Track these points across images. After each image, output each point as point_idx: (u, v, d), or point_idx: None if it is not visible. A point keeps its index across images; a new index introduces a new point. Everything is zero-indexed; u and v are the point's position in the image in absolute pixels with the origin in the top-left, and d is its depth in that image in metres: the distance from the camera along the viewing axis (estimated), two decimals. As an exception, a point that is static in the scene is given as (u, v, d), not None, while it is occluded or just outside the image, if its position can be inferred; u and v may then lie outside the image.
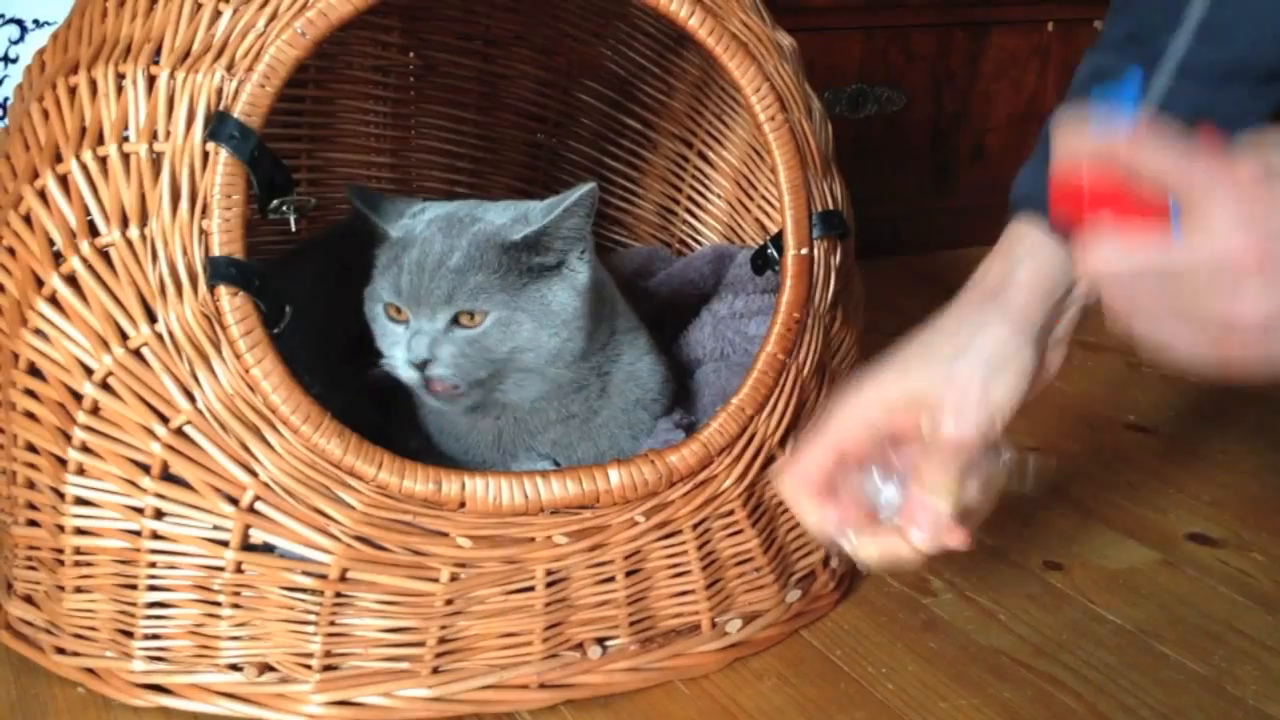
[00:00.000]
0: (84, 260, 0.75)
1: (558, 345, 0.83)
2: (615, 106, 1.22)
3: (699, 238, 1.20)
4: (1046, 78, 1.88)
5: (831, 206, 0.90)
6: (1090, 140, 0.56)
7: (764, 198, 1.11)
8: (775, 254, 0.91)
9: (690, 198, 1.19)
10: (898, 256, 1.76)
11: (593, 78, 1.22)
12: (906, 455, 0.70)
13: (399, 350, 0.82)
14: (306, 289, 0.94)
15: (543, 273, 0.83)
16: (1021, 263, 0.72)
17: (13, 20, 1.41)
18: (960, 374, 0.69)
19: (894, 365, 0.71)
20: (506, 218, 0.84)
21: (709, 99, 1.14)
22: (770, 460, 0.86)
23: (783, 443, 0.87)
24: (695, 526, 0.84)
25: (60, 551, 0.80)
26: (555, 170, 1.27)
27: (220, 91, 0.74)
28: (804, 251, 0.87)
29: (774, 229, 1.09)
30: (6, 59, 1.39)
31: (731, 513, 0.85)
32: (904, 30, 1.75)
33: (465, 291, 0.81)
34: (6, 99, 1.40)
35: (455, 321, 0.81)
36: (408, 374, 0.82)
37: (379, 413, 0.92)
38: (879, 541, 0.69)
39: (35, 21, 1.40)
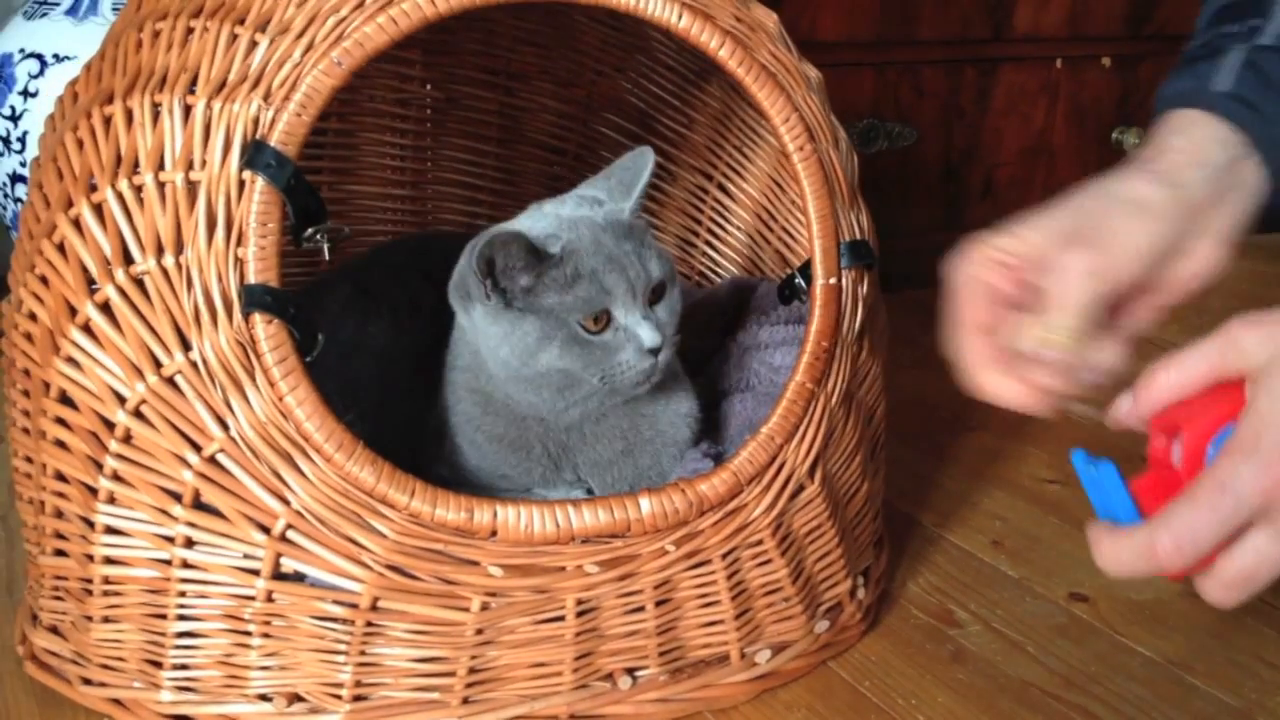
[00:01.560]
0: (119, 288, 0.75)
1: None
2: (635, 139, 1.22)
3: (718, 269, 1.20)
4: (1055, 114, 1.89)
5: (859, 236, 0.90)
6: (1135, 565, 0.57)
7: (784, 229, 1.12)
8: (803, 283, 0.91)
9: (710, 230, 1.20)
10: (909, 291, 1.77)
11: (613, 110, 1.23)
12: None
13: (626, 353, 0.82)
14: (332, 319, 0.94)
15: (644, 232, 0.86)
16: (1170, 137, 0.69)
17: (33, 55, 1.42)
18: (1090, 209, 0.65)
19: (1020, 222, 0.67)
20: (588, 206, 0.86)
21: (729, 131, 1.15)
22: (800, 489, 0.86)
23: (811, 472, 0.87)
24: (725, 556, 0.84)
25: (89, 581, 0.80)
26: (574, 203, 1.27)
27: (257, 121, 0.75)
28: (833, 281, 0.87)
29: (794, 260, 1.10)
30: (27, 93, 1.40)
31: (760, 542, 0.85)
32: (915, 66, 1.77)
33: (652, 265, 0.83)
34: (26, 132, 1.40)
35: (650, 304, 0.84)
36: (643, 366, 0.82)
37: (404, 443, 0.92)
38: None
39: (55, 56, 1.41)
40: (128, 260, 0.76)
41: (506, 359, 0.83)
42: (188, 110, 0.76)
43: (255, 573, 0.77)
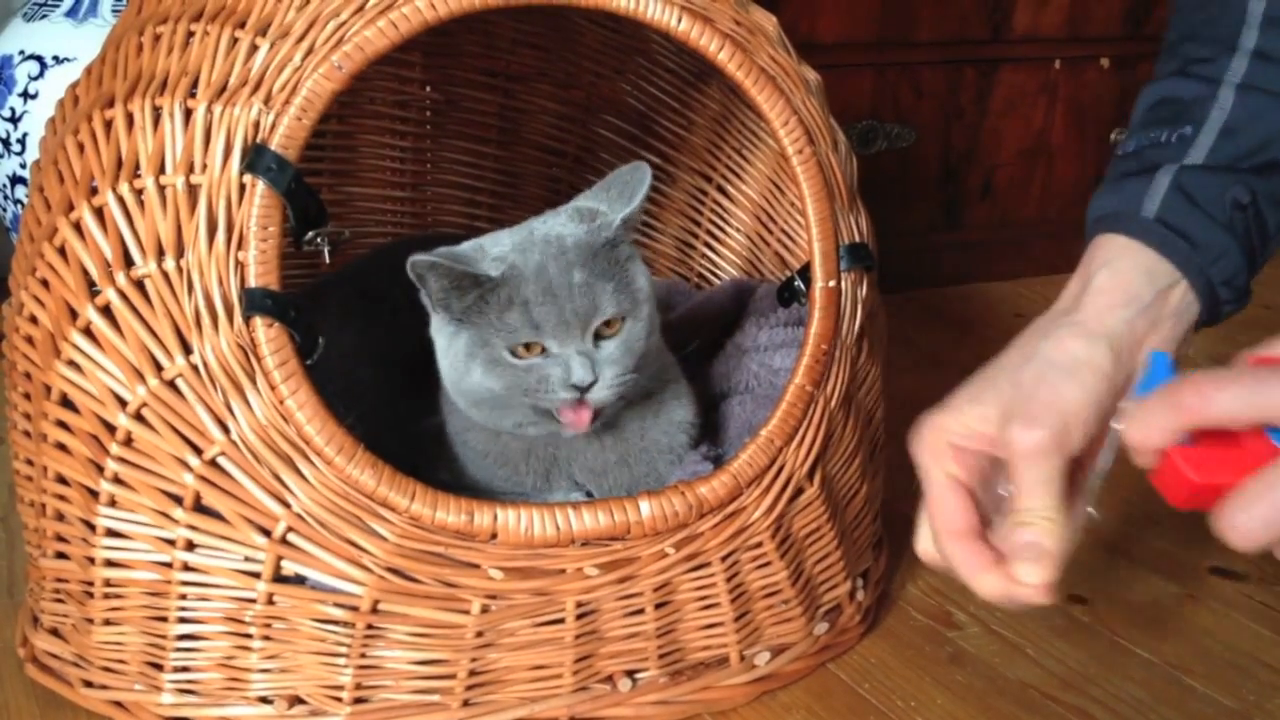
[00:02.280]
0: (119, 291, 0.76)
1: (650, 329, 0.84)
2: (634, 141, 1.23)
3: (718, 272, 1.20)
4: (1054, 115, 1.89)
5: (858, 239, 0.90)
6: (1162, 422, 0.53)
7: (783, 231, 1.12)
8: (802, 286, 0.91)
9: (709, 232, 1.20)
10: (908, 292, 1.77)
11: (612, 113, 1.23)
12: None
13: (552, 382, 0.80)
14: (332, 321, 0.94)
15: (626, 260, 0.84)
16: (1096, 274, 0.69)
17: (33, 57, 1.42)
18: (1026, 379, 0.64)
19: (965, 393, 0.67)
20: (578, 220, 0.84)
21: (729, 133, 1.15)
22: (799, 492, 0.86)
23: (810, 475, 0.87)
24: (724, 558, 0.84)
25: (90, 584, 0.80)
26: (574, 205, 1.27)
27: (257, 124, 0.75)
28: (832, 284, 0.87)
29: (794, 263, 1.10)
30: (27, 95, 1.40)
31: (760, 544, 0.85)
32: (914, 67, 1.77)
33: (603, 301, 0.80)
34: (26, 134, 1.40)
35: (598, 337, 0.81)
36: (567, 397, 0.80)
37: (404, 446, 0.92)
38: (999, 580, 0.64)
39: (55, 58, 1.41)
40: (128, 263, 0.76)
41: (447, 371, 0.84)
42: (188, 114, 0.76)
43: (256, 575, 0.77)
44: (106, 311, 0.76)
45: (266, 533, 0.76)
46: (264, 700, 0.80)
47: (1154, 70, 0.77)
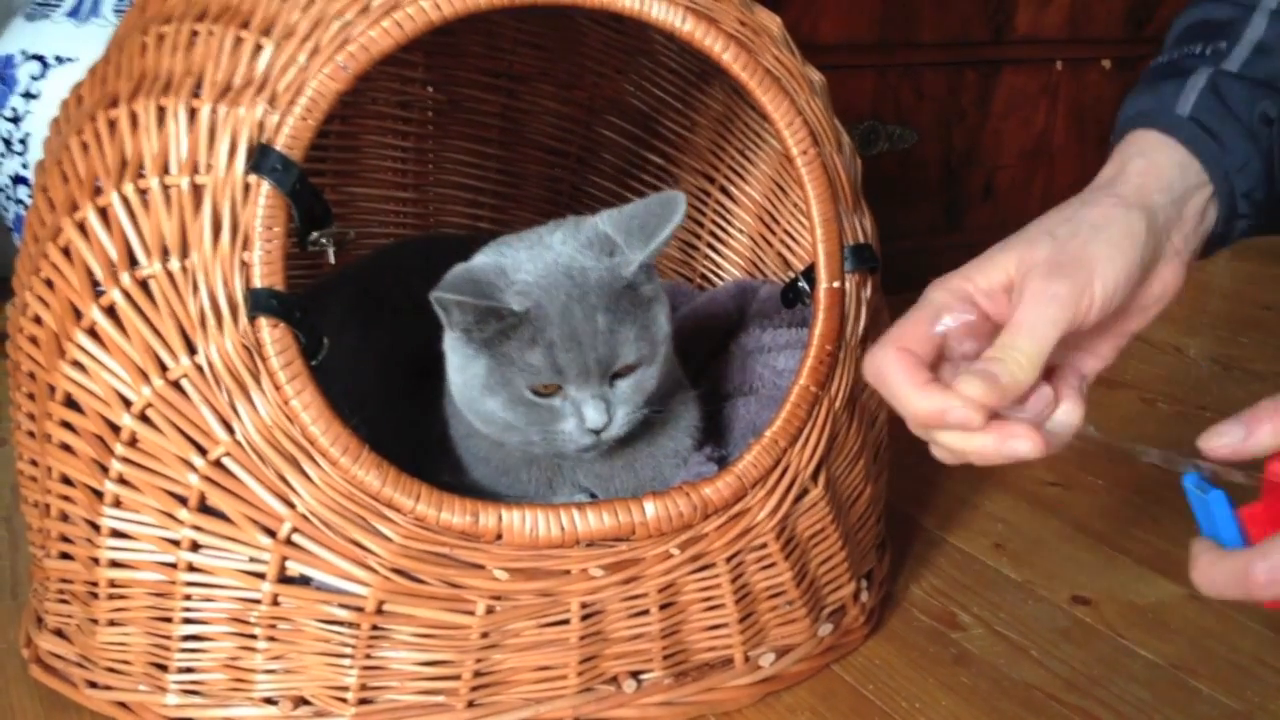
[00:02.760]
0: (124, 292, 0.76)
1: (665, 366, 0.83)
2: (637, 142, 1.23)
3: (721, 273, 1.20)
4: (1055, 116, 1.89)
5: (862, 240, 0.90)
6: (1235, 595, 0.55)
7: (786, 232, 1.12)
8: (806, 287, 0.91)
9: (712, 233, 1.20)
10: (908, 293, 1.77)
11: (615, 113, 1.23)
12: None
13: (568, 424, 0.80)
14: (335, 322, 0.94)
15: (649, 300, 0.82)
16: (1132, 160, 0.68)
17: (34, 56, 1.42)
18: (1061, 233, 0.62)
19: (998, 244, 0.64)
20: (596, 251, 0.81)
21: (732, 134, 1.15)
22: (804, 493, 0.86)
23: (815, 476, 0.87)
24: (729, 559, 0.84)
25: (94, 584, 0.80)
26: (577, 205, 1.27)
27: (262, 125, 0.75)
28: (836, 285, 0.87)
29: (796, 264, 1.10)
30: (29, 95, 1.40)
31: (765, 545, 0.85)
32: (915, 69, 1.77)
33: (624, 349, 0.80)
34: (28, 134, 1.40)
35: (614, 376, 0.81)
36: (584, 442, 0.80)
37: (406, 447, 0.92)
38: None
39: (58, 58, 1.41)
40: (133, 263, 0.76)
41: (459, 388, 0.83)
42: (193, 114, 0.76)
43: (261, 576, 0.77)
44: (111, 312, 0.76)
45: (271, 533, 0.76)
46: (269, 701, 0.80)
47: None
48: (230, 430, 0.75)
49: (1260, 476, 0.58)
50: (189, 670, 0.80)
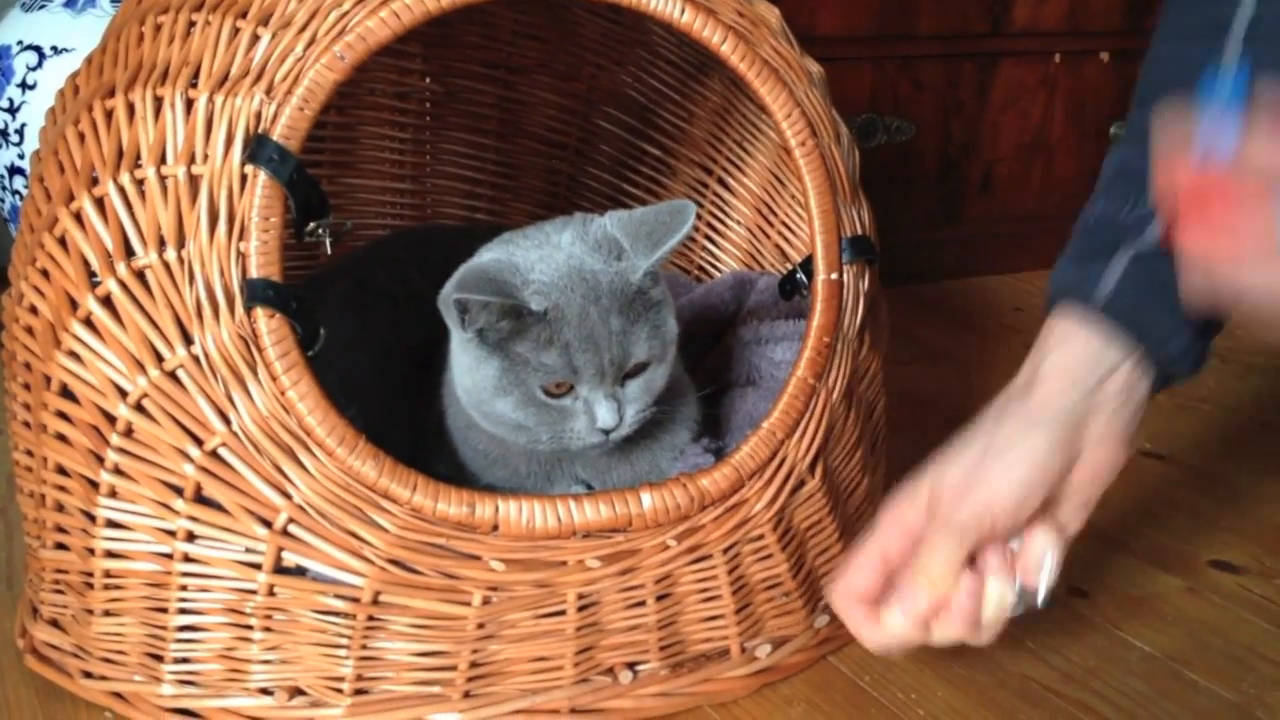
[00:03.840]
0: (120, 282, 0.75)
1: (671, 365, 0.85)
2: (635, 133, 1.23)
3: (718, 264, 1.20)
4: (1053, 109, 1.89)
5: (860, 232, 0.90)
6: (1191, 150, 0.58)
7: (784, 224, 1.12)
8: (804, 279, 0.91)
9: (710, 224, 1.20)
10: (907, 286, 1.77)
11: (613, 104, 1.23)
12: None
13: (578, 423, 0.81)
14: (332, 313, 0.94)
15: (658, 303, 0.83)
16: (1048, 356, 0.73)
17: (31, 47, 1.41)
18: (966, 459, 0.72)
19: (930, 469, 0.74)
20: (605, 254, 0.81)
21: (730, 126, 1.15)
22: (801, 484, 0.86)
23: (812, 467, 0.87)
24: (726, 551, 0.84)
25: (90, 575, 0.80)
26: (574, 197, 1.27)
27: (259, 115, 0.75)
28: (834, 276, 0.87)
29: (794, 255, 1.10)
30: (25, 85, 1.40)
31: (761, 537, 0.85)
32: (913, 61, 1.76)
33: (636, 349, 0.80)
34: (25, 124, 1.40)
35: (625, 377, 0.81)
36: (592, 441, 0.81)
37: (403, 438, 0.92)
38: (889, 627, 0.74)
39: (54, 48, 1.41)
40: (129, 254, 0.76)
41: (468, 389, 0.83)
42: (189, 104, 0.76)
43: (257, 567, 0.77)
44: (107, 302, 0.76)
45: (267, 524, 0.76)
46: (265, 691, 0.80)
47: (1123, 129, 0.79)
48: (226, 421, 0.75)
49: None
50: (185, 661, 0.80)
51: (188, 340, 0.75)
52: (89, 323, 0.76)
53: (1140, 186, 0.73)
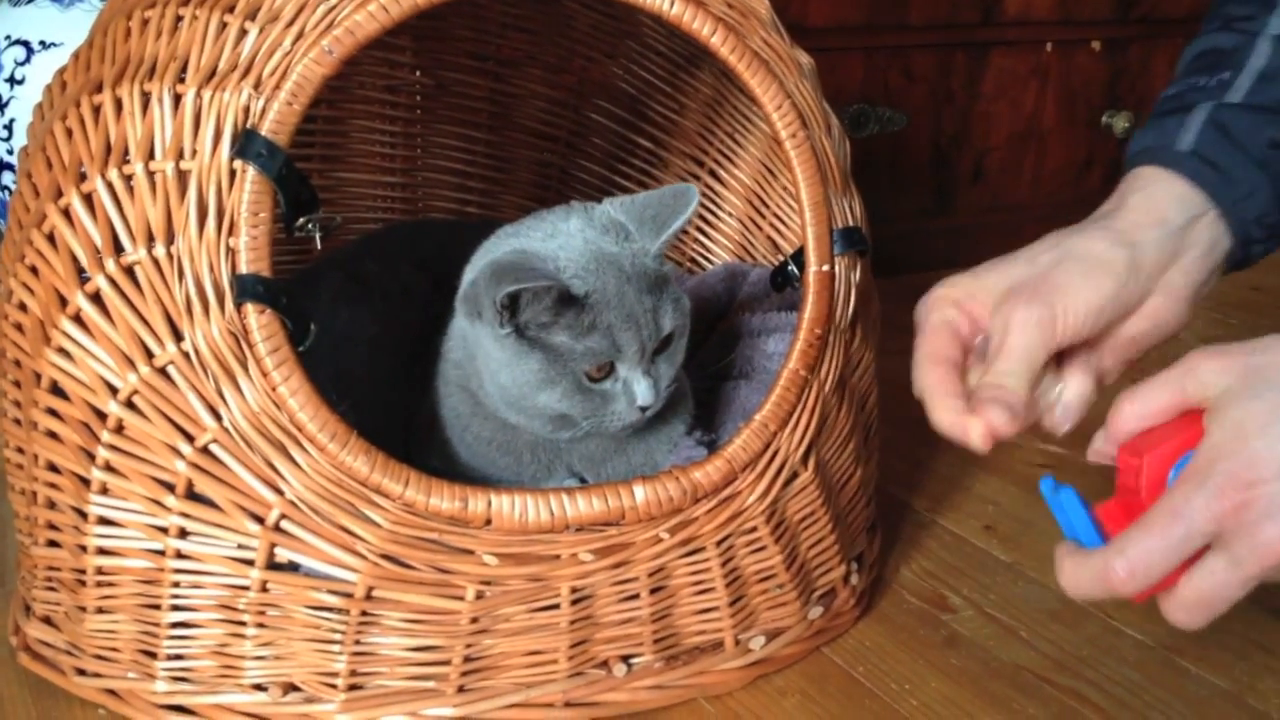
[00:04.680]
0: (109, 278, 0.75)
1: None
2: (626, 125, 1.22)
3: (710, 256, 1.20)
4: (1045, 98, 1.89)
5: (851, 223, 0.90)
6: (1094, 592, 0.58)
7: (776, 216, 1.12)
8: (795, 270, 0.91)
9: (702, 216, 1.20)
10: (899, 276, 1.77)
11: (604, 97, 1.23)
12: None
13: (619, 404, 0.81)
14: (323, 308, 0.94)
15: (669, 278, 0.84)
16: (1130, 195, 0.71)
17: (19, 41, 1.41)
18: (1044, 261, 0.67)
19: (986, 264, 0.69)
20: (615, 235, 0.82)
21: (721, 118, 1.15)
22: (793, 476, 0.86)
23: (805, 459, 0.87)
24: (719, 543, 0.84)
25: (82, 572, 0.80)
26: (566, 189, 1.27)
27: (247, 109, 0.74)
28: (826, 268, 0.87)
29: (786, 247, 1.10)
30: (13, 80, 1.39)
31: (755, 529, 0.85)
32: (905, 51, 1.76)
33: (666, 323, 0.82)
34: (13, 120, 1.39)
35: (655, 352, 0.82)
36: (631, 420, 0.82)
37: (395, 433, 0.92)
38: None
39: (42, 43, 1.40)
40: (118, 250, 0.75)
41: (505, 386, 0.82)
42: (177, 99, 0.75)
43: (249, 563, 0.77)
44: (97, 298, 0.76)
45: (260, 520, 0.76)
46: (258, 688, 0.80)
47: (1200, 29, 0.79)
48: (218, 417, 0.75)
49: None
50: (178, 657, 0.79)
51: (178, 336, 0.75)
52: (79, 319, 0.76)
53: (1217, 61, 0.74)
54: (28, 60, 1.40)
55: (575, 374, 0.80)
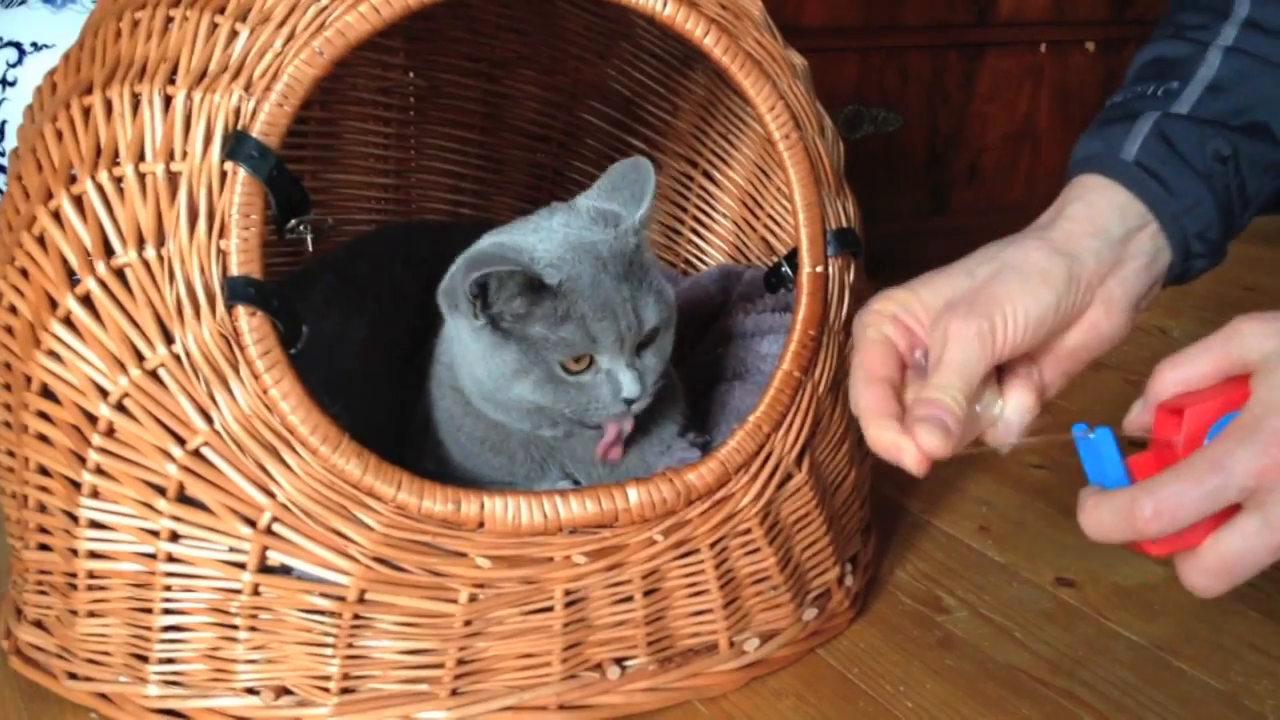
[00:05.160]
0: (100, 281, 0.75)
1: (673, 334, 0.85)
2: (620, 127, 1.22)
3: (704, 258, 1.20)
4: (1039, 98, 1.89)
5: (845, 224, 0.90)
6: (1119, 535, 0.57)
7: (770, 217, 1.11)
8: (789, 272, 0.91)
9: (695, 218, 1.20)
10: (893, 277, 1.77)
11: (597, 98, 1.22)
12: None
13: (601, 395, 0.80)
14: (316, 310, 0.94)
15: (651, 267, 0.83)
16: (1070, 204, 0.70)
17: (11, 43, 1.40)
18: (981, 274, 0.66)
19: (922, 277, 0.68)
20: (602, 224, 0.82)
21: (715, 119, 1.14)
22: (787, 478, 0.86)
23: (799, 460, 0.87)
24: (713, 545, 0.84)
25: (73, 575, 0.80)
26: (559, 191, 1.27)
27: (238, 111, 0.74)
28: (819, 269, 0.87)
29: (780, 248, 1.09)
30: (5, 82, 1.39)
31: (749, 531, 0.85)
32: (900, 51, 1.76)
33: (647, 315, 0.81)
34: (5, 121, 1.39)
35: (641, 345, 0.82)
36: (615, 411, 0.81)
37: (388, 435, 0.92)
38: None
39: (34, 44, 1.39)
40: (108, 252, 0.75)
41: (482, 379, 0.82)
42: (168, 101, 0.75)
43: (241, 566, 0.76)
44: (87, 301, 0.75)
45: (251, 523, 0.76)
46: (250, 691, 0.79)
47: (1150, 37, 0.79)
48: (209, 420, 0.74)
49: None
50: (170, 661, 0.79)
51: (168, 339, 0.74)
52: (69, 322, 0.76)
53: (1166, 69, 0.73)
54: (19, 62, 1.39)
55: (550, 364, 0.80)
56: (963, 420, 0.62)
